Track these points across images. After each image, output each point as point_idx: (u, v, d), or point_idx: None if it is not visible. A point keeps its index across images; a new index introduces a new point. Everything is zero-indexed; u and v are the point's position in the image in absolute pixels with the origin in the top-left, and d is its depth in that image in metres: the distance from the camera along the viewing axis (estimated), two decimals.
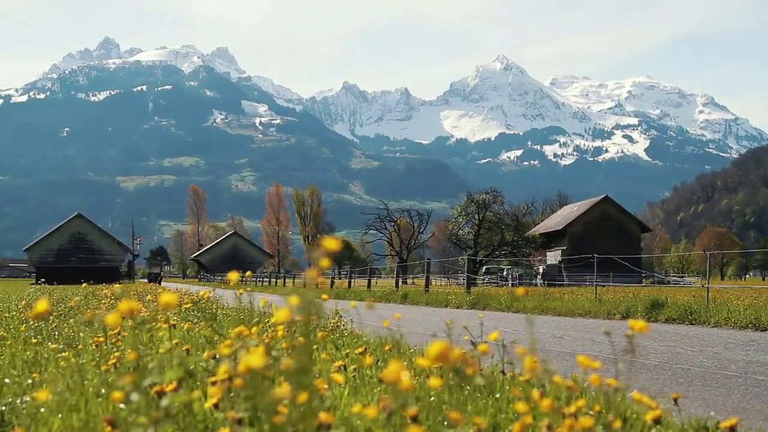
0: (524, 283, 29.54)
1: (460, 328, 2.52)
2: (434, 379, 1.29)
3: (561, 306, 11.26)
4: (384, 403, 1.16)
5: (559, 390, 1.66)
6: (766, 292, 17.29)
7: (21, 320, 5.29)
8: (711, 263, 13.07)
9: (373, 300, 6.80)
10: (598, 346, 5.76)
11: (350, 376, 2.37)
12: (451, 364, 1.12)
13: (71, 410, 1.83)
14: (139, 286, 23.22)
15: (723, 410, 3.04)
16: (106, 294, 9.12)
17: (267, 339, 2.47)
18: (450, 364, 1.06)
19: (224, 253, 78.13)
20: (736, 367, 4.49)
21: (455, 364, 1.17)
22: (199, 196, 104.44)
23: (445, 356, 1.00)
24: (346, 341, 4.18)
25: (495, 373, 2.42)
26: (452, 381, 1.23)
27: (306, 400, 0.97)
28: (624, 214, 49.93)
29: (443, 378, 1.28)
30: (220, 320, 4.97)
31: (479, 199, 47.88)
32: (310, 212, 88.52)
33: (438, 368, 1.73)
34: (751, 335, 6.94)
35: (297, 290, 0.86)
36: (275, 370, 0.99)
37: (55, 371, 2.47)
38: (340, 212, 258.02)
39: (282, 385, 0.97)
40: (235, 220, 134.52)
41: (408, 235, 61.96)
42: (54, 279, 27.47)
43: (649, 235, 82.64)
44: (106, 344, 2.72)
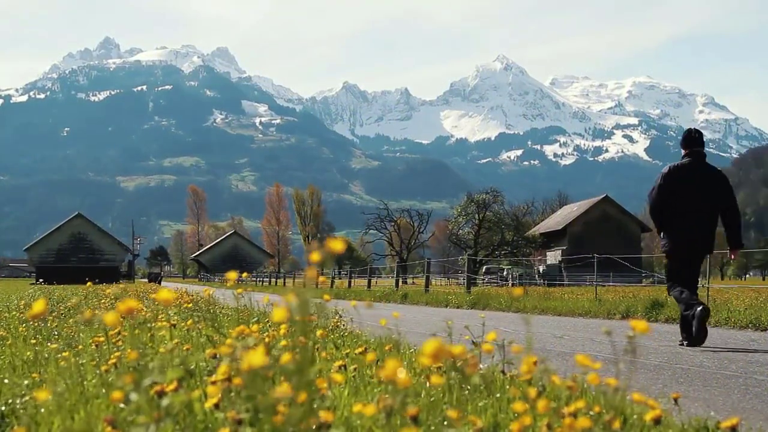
0: (524, 282, 29.54)
1: (461, 328, 2.53)
2: (434, 378, 1.30)
3: (561, 306, 11.26)
4: (384, 403, 1.16)
5: (559, 390, 1.66)
6: (766, 292, 17.29)
7: (21, 320, 5.29)
8: (711, 263, 13.06)
9: (373, 300, 6.89)
10: (598, 346, 5.77)
11: (350, 376, 2.36)
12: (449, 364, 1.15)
13: (71, 410, 1.83)
14: (139, 286, 23.22)
15: (723, 410, 3.04)
16: (107, 294, 9.12)
17: (268, 338, 2.48)
18: (447, 363, 1.09)
19: (224, 253, 78.15)
20: (736, 367, 4.49)
21: (454, 364, 1.20)
22: (198, 196, 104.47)
23: (440, 354, 1.01)
24: (345, 341, 4.18)
25: (495, 372, 2.42)
26: (452, 380, 1.24)
27: (306, 400, 0.96)
28: (624, 214, 49.93)
29: (443, 377, 1.28)
30: (220, 320, 4.97)
31: (479, 199, 47.89)
32: (310, 212, 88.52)
33: (438, 368, 1.73)
34: (751, 335, 6.94)
35: (296, 290, 0.89)
36: (275, 370, 0.99)
37: (54, 371, 2.47)
38: (340, 212, 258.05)
39: (282, 385, 0.97)
40: (235, 220, 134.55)
41: (408, 235, 62.00)
42: (54, 279, 27.49)
43: (650, 235, 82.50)
44: (106, 344, 2.72)
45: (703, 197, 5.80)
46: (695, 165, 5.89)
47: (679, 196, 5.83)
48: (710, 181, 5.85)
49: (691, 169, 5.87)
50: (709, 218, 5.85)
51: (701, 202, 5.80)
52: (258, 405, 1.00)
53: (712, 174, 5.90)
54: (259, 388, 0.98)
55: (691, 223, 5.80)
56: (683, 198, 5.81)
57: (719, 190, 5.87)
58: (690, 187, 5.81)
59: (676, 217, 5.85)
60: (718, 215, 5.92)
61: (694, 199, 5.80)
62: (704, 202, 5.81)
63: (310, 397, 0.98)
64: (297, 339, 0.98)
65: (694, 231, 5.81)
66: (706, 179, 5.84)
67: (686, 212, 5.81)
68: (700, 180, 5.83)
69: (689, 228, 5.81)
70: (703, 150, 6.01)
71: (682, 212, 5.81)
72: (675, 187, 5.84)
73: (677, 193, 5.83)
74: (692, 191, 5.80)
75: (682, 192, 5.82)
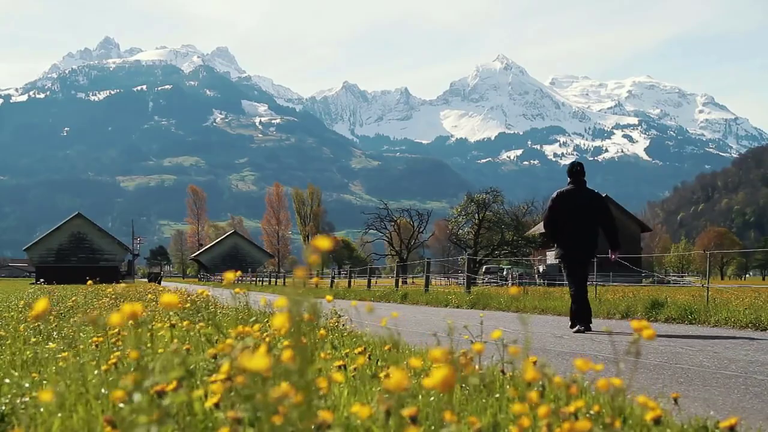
0: (524, 282, 29.52)
1: (460, 328, 2.53)
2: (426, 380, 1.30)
3: (561, 306, 11.25)
4: (383, 403, 1.15)
5: (559, 390, 1.66)
6: (766, 291, 17.29)
7: (20, 320, 5.30)
8: (711, 263, 13.07)
9: (373, 300, 6.89)
10: (598, 346, 5.77)
11: (350, 376, 2.37)
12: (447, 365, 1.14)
13: (71, 410, 1.83)
14: (139, 285, 23.23)
15: (723, 410, 3.04)
16: (108, 293, 9.12)
17: (268, 338, 2.48)
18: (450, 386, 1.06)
19: (224, 253, 78.14)
20: (736, 366, 4.49)
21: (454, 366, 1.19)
22: (198, 196, 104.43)
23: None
24: (345, 341, 4.18)
25: (495, 372, 2.42)
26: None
27: (305, 399, 0.96)
28: (624, 213, 49.91)
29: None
30: (219, 320, 4.97)
31: (479, 199, 47.89)
32: (310, 212, 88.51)
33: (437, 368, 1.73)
34: (751, 335, 6.94)
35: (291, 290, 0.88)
36: (275, 370, 0.98)
37: (54, 371, 2.47)
38: (340, 212, 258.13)
39: (281, 385, 0.97)
40: (235, 219, 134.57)
41: (408, 234, 61.94)
42: (54, 279, 27.48)
43: (649, 234, 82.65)
44: (106, 344, 2.72)
45: (584, 215, 7.31)
46: (576, 191, 7.40)
47: (565, 214, 7.33)
48: (589, 202, 7.35)
49: (574, 193, 7.39)
50: (590, 231, 7.35)
51: (582, 219, 7.30)
52: (258, 405, 1.00)
53: (591, 196, 7.42)
54: (259, 387, 0.98)
55: (575, 235, 7.31)
56: (569, 216, 7.31)
57: (597, 208, 7.36)
58: (573, 207, 7.32)
59: (564, 230, 7.35)
60: (597, 228, 7.40)
61: (576, 217, 7.30)
62: (585, 219, 7.30)
63: (309, 397, 0.98)
64: (295, 339, 0.98)
65: (578, 241, 7.31)
66: (585, 201, 7.34)
67: (571, 227, 7.30)
68: (581, 201, 7.33)
69: (574, 239, 7.32)
70: (583, 179, 7.51)
71: (569, 227, 7.31)
72: (562, 208, 7.36)
73: (564, 212, 7.34)
74: (575, 210, 7.31)
75: (567, 211, 7.33)
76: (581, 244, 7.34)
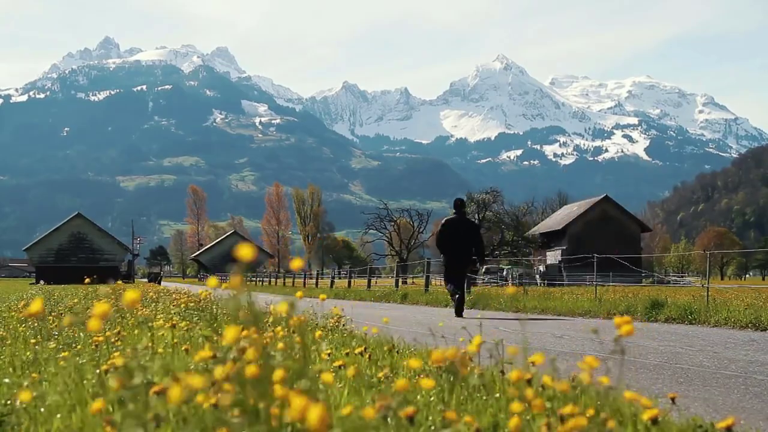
0: (524, 282, 29.52)
1: (459, 328, 2.53)
2: (423, 381, 1.30)
3: (561, 306, 11.25)
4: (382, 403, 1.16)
5: (558, 391, 1.66)
6: (766, 291, 17.30)
7: (20, 320, 5.30)
8: (711, 263, 13.07)
9: (372, 300, 6.90)
10: (598, 346, 5.77)
11: (350, 376, 2.36)
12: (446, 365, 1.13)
13: (71, 410, 1.83)
14: (138, 285, 23.22)
15: (722, 410, 3.04)
16: (107, 293, 9.12)
17: (267, 340, 2.48)
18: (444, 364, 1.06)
19: (224, 253, 78.10)
20: (736, 366, 4.49)
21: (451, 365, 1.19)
22: (198, 196, 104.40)
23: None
24: (345, 341, 4.18)
25: (494, 373, 2.42)
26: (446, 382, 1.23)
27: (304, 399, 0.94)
28: (624, 213, 49.92)
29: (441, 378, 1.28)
30: (219, 320, 4.98)
31: (479, 199, 47.90)
32: (310, 212, 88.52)
33: (437, 368, 1.73)
34: (751, 335, 6.94)
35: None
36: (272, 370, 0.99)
37: (54, 371, 2.47)
38: (340, 212, 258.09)
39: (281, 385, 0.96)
40: (235, 219, 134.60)
41: (408, 234, 61.94)
42: (54, 279, 27.54)
43: (649, 234, 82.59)
44: (106, 344, 2.72)
45: (462, 236, 10.21)
46: (458, 219, 10.35)
47: (449, 235, 10.25)
48: (466, 228, 10.30)
49: (456, 221, 10.34)
50: (466, 248, 10.23)
51: (460, 240, 10.21)
52: (257, 405, 1.00)
53: (468, 224, 10.41)
54: (258, 388, 0.98)
55: (455, 250, 10.20)
56: (450, 237, 10.24)
57: (471, 233, 10.30)
58: (455, 231, 10.26)
59: (448, 246, 10.24)
60: (471, 247, 10.25)
61: (456, 238, 10.21)
62: (462, 240, 10.20)
63: (308, 397, 0.96)
64: (293, 340, 0.98)
65: (457, 254, 10.20)
66: (463, 227, 10.29)
67: (452, 245, 10.21)
68: (460, 227, 10.28)
69: (455, 253, 10.21)
70: (464, 210, 10.55)
71: (451, 245, 10.22)
72: (448, 231, 10.30)
73: (448, 234, 10.27)
74: (456, 234, 10.23)
75: (450, 234, 10.26)
76: (459, 257, 10.17)
